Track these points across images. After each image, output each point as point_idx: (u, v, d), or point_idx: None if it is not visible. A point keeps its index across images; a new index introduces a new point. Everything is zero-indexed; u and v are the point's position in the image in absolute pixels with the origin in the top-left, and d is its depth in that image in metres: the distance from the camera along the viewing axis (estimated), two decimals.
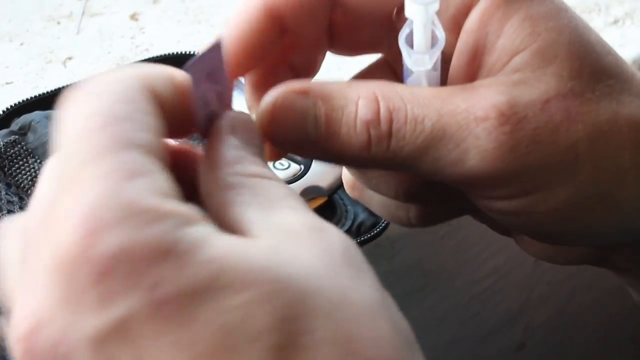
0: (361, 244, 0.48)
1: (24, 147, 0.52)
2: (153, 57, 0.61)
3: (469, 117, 0.35)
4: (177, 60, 0.60)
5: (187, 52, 0.61)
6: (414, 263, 0.61)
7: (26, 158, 0.52)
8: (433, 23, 0.36)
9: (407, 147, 0.36)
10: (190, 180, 0.33)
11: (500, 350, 0.78)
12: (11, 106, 0.55)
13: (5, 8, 0.73)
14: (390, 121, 0.36)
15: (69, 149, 0.28)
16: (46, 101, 0.56)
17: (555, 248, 0.44)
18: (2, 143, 0.52)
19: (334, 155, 0.37)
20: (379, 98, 0.36)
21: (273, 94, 0.37)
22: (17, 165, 0.52)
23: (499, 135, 0.35)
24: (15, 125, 0.54)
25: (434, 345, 0.66)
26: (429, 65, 0.36)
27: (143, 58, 0.67)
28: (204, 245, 0.27)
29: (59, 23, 0.72)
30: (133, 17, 0.72)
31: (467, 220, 0.63)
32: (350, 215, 0.50)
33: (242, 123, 0.34)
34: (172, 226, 0.26)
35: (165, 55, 0.61)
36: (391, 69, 0.42)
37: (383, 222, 0.50)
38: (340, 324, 0.27)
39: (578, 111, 0.36)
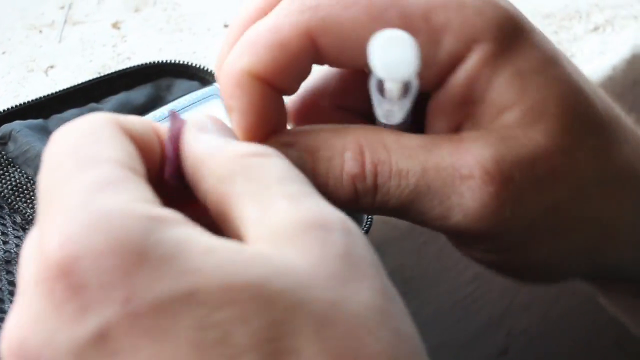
0: None
1: (5, 157, 0.52)
2: (135, 66, 0.61)
3: (454, 173, 0.35)
4: (158, 68, 0.60)
5: (169, 61, 0.61)
6: (396, 269, 0.61)
7: (6, 167, 0.52)
8: None
9: (392, 201, 0.36)
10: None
11: (483, 356, 0.78)
12: None
13: None
14: (375, 175, 0.36)
15: (47, 175, 0.29)
16: (27, 110, 0.56)
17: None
18: None
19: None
20: (365, 150, 0.36)
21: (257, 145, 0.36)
22: None
23: (483, 195, 0.35)
24: None
25: None
26: (398, 120, 0.36)
27: (125, 66, 0.67)
28: (183, 252, 0.26)
29: (40, 32, 0.71)
30: (115, 25, 0.72)
31: None
32: None
33: (206, 119, 0.34)
34: (146, 230, 0.26)
35: (146, 64, 0.61)
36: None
37: (366, 224, 0.50)
38: (329, 342, 0.26)
39: (564, 170, 0.36)
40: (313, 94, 0.41)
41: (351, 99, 0.41)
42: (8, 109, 0.55)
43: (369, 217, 0.50)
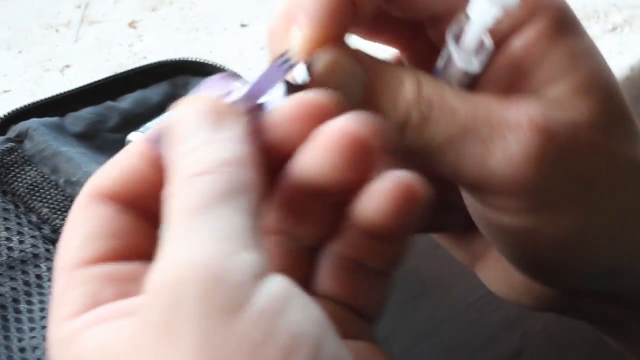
0: None
1: (21, 155, 0.52)
2: (152, 64, 0.61)
3: (502, 121, 0.35)
4: (175, 66, 0.60)
5: (186, 59, 0.61)
6: (411, 271, 0.61)
7: (22, 166, 0.52)
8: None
9: (439, 135, 0.36)
10: None
11: (498, 358, 0.78)
12: (8, 113, 0.55)
13: (4, 16, 0.73)
14: (429, 105, 0.36)
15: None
16: (43, 108, 0.56)
17: (524, 287, 0.43)
18: None
19: None
20: (422, 81, 0.36)
21: (332, 47, 0.36)
22: (13, 173, 0.52)
23: (529, 144, 0.35)
24: (12, 132, 0.54)
25: (431, 352, 0.66)
26: (476, 68, 0.37)
27: (140, 65, 0.67)
28: None
29: (57, 31, 0.72)
30: (131, 24, 0.73)
31: None
32: None
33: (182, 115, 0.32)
34: None
35: (163, 61, 0.61)
36: None
37: None
38: None
39: (602, 145, 0.37)
40: None
41: None
42: (24, 106, 0.56)
43: None
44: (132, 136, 0.54)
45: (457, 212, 0.42)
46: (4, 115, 0.55)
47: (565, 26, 0.37)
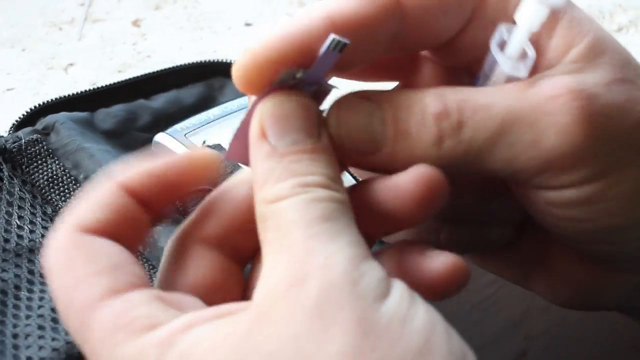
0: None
1: (45, 147, 0.53)
2: (187, 64, 0.60)
3: (539, 98, 0.35)
4: (210, 68, 0.59)
5: (222, 60, 0.60)
6: None
7: (45, 158, 0.52)
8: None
9: (480, 136, 0.35)
10: None
11: (502, 359, 0.78)
12: (39, 105, 0.55)
13: (8, 14, 0.73)
14: (460, 110, 0.36)
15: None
16: (75, 102, 0.56)
17: (580, 289, 0.43)
18: (23, 141, 0.52)
19: (404, 156, 0.36)
20: (443, 92, 0.36)
21: (336, 99, 0.36)
22: (35, 164, 0.52)
23: (573, 109, 0.35)
24: (40, 124, 0.54)
25: None
26: (524, 73, 0.37)
27: (145, 65, 0.67)
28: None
29: (60, 29, 0.72)
30: (135, 23, 0.72)
31: None
32: None
33: (270, 115, 0.34)
34: None
35: (199, 62, 0.60)
36: None
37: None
38: None
39: (636, 95, 0.37)
40: None
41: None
42: (56, 99, 0.56)
43: None
44: (159, 137, 0.53)
45: (501, 223, 0.42)
46: (34, 107, 0.55)
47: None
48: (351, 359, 0.28)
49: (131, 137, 0.55)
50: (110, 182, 0.34)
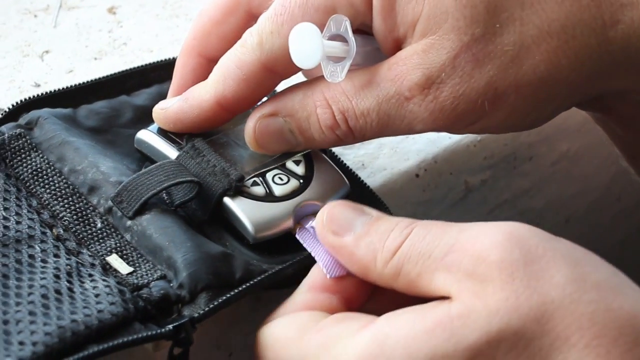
0: None
1: (28, 141, 0.53)
2: (171, 59, 0.59)
3: (400, 99, 0.45)
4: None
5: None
6: None
7: (29, 152, 0.52)
8: (346, 31, 0.45)
9: (369, 134, 0.47)
10: None
11: None
12: (20, 101, 0.55)
13: None
14: (346, 121, 0.46)
15: None
16: (56, 99, 0.56)
17: None
18: (6, 135, 0.52)
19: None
20: (331, 103, 0.46)
21: (249, 124, 0.48)
22: (19, 158, 0.52)
23: (428, 105, 0.44)
24: (23, 119, 0.54)
25: None
26: (341, 77, 0.45)
27: (120, 52, 0.67)
28: None
29: (35, 16, 0.71)
30: (110, 10, 0.72)
31: (447, 218, 0.63)
32: None
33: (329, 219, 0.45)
34: None
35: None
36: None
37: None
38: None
39: (484, 53, 0.43)
40: None
41: None
42: (36, 96, 0.56)
43: None
44: (142, 134, 0.53)
45: None
46: (16, 103, 0.55)
47: None
48: None
49: (114, 134, 0.55)
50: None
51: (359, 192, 0.52)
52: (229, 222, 0.49)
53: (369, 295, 0.45)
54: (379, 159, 0.59)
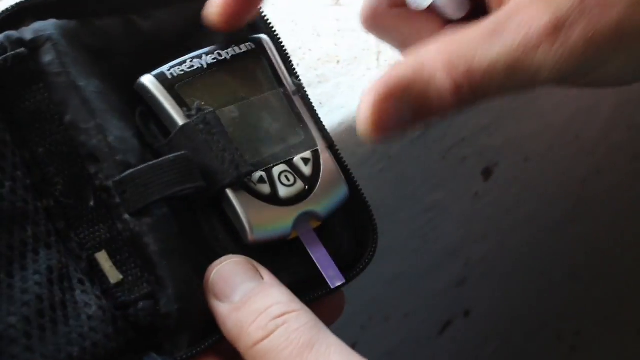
0: (348, 281, 0.46)
1: (29, 70, 0.42)
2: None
3: (527, 47, 0.41)
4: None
5: None
6: None
7: (29, 84, 0.42)
8: None
9: (492, 91, 0.43)
10: None
11: (441, 286, 0.78)
12: (16, 4, 0.43)
13: None
14: (469, 81, 0.42)
15: None
16: (57, 5, 0.45)
17: None
18: (10, 55, 0.42)
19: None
20: (453, 65, 0.42)
21: (365, 102, 0.42)
22: (18, 89, 0.42)
23: (557, 50, 0.41)
24: (28, 33, 0.43)
25: (374, 282, 0.65)
26: (426, 4, 0.47)
27: None
28: None
29: None
30: None
31: (407, 154, 0.62)
32: (336, 244, 0.48)
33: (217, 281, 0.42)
34: None
35: None
36: None
37: (368, 257, 0.48)
38: None
39: None
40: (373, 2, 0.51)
41: None
42: None
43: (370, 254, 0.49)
44: (145, 79, 0.46)
45: None
46: (11, 7, 0.43)
47: None
48: None
49: (116, 63, 0.47)
50: None
51: (352, 195, 0.49)
52: (225, 214, 0.46)
53: None
54: (336, 98, 0.58)
